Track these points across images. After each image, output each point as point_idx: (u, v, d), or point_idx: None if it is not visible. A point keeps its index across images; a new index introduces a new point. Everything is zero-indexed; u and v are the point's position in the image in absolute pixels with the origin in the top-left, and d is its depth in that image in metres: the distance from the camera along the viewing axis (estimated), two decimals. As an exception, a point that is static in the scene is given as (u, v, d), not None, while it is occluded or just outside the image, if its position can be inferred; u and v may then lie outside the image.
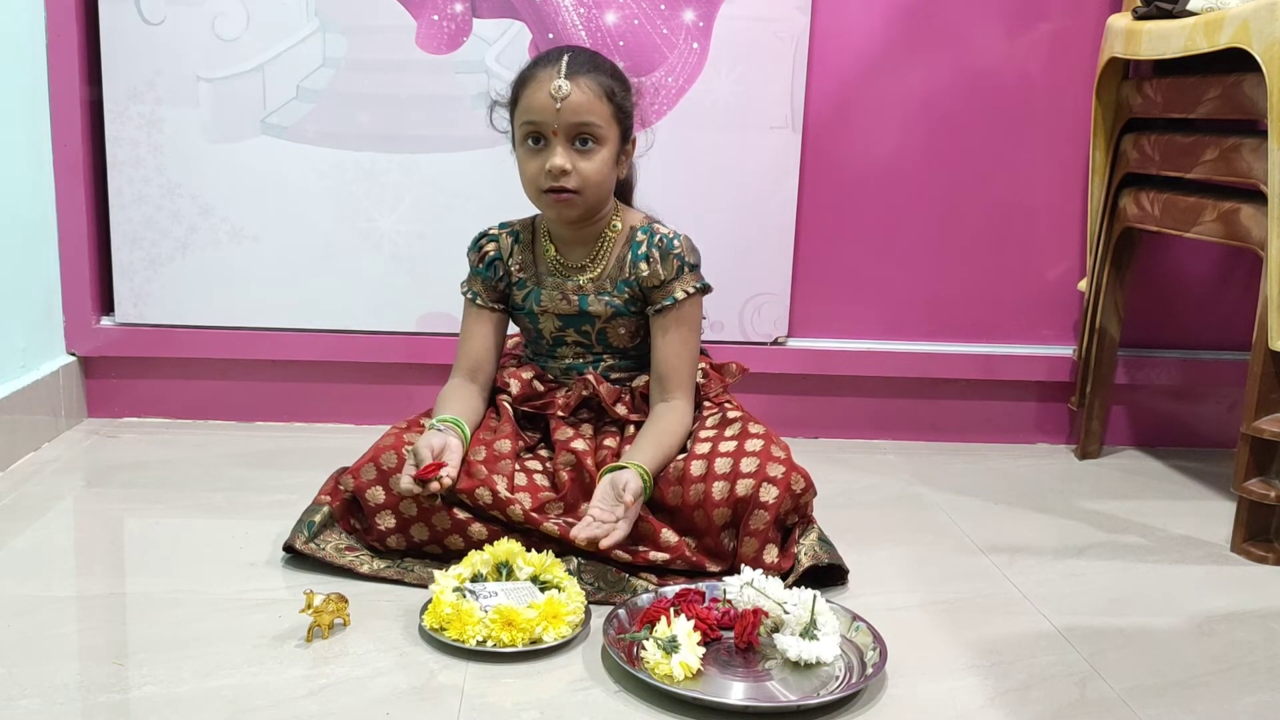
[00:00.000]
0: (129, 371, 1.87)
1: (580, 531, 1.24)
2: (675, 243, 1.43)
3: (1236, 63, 1.47)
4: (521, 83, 1.38)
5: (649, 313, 1.44)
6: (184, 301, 1.84)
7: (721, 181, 1.84)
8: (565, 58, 1.35)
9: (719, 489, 1.29)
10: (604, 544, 1.23)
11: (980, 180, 1.90)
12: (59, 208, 1.78)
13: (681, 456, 1.36)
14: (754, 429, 1.37)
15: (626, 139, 1.41)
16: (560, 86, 1.32)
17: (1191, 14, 1.54)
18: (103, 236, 1.83)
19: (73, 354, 1.84)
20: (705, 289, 1.44)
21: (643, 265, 1.42)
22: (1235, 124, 1.56)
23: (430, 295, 1.85)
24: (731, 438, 1.36)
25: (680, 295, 1.42)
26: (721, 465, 1.31)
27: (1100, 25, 1.81)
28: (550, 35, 1.78)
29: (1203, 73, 1.57)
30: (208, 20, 1.76)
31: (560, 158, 1.34)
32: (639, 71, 1.79)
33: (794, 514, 1.32)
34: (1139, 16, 1.67)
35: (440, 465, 1.26)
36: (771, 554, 1.29)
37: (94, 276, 1.83)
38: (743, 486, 1.29)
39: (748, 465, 1.30)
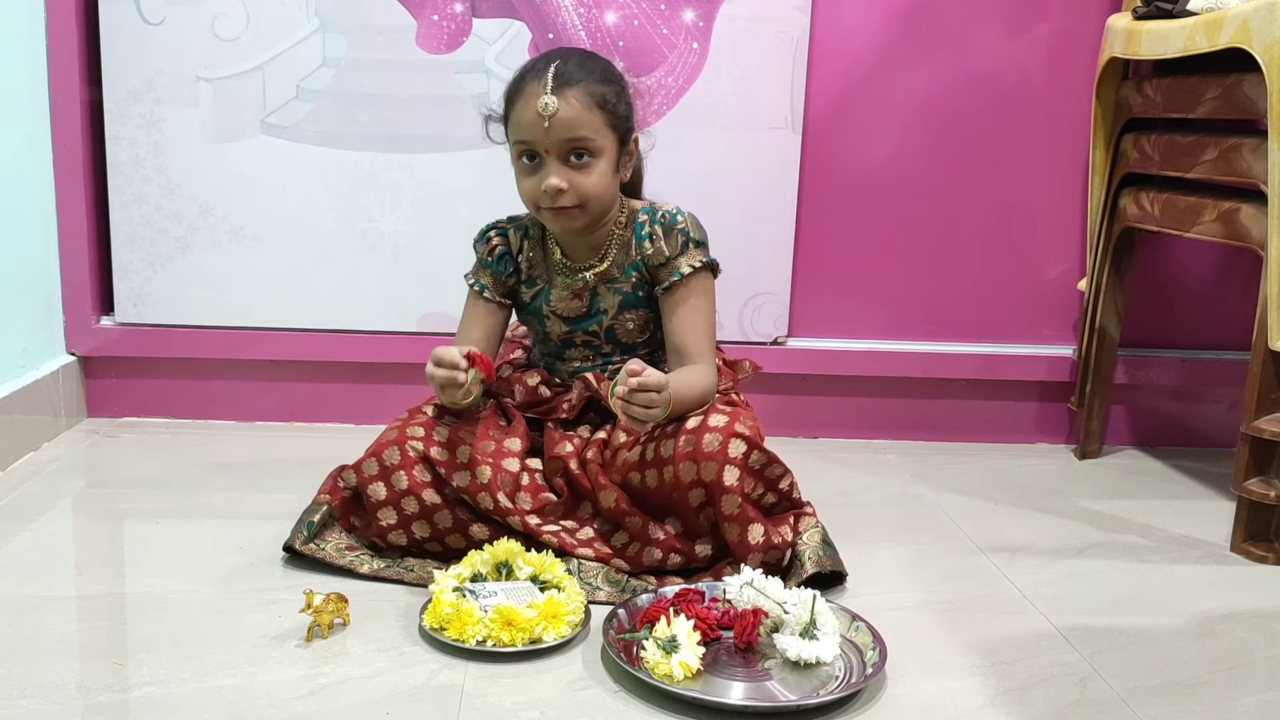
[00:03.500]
0: (129, 371, 1.87)
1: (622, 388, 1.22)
2: (679, 218, 1.39)
3: (1236, 63, 1.47)
4: (510, 98, 1.34)
5: (657, 293, 1.40)
6: (184, 301, 1.84)
7: (721, 181, 1.84)
8: (551, 69, 1.30)
9: (687, 471, 1.27)
10: (640, 381, 1.21)
11: (980, 180, 1.90)
12: (59, 208, 1.78)
13: (657, 434, 1.32)
14: (722, 407, 1.33)
15: (626, 142, 1.36)
16: (546, 104, 1.28)
17: (1191, 14, 1.54)
18: (103, 236, 1.83)
19: (73, 354, 1.84)
20: (712, 265, 1.40)
21: (646, 244, 1.39)
22: (1235, 124, 1.56)
23: (430, 295, 1.85)
24: (700, 413, 1.32)
25: (686, 270, 1.38)
26: (685, 444, 1.27)
27: (1100, 25, 1.81)
28: (550, 35, 1.78)
29: (1203, 73, 1.57)
30: (208, 20, 1.76)
31: (555, 177, 1.30)
32: (639, 71, 1.79)
33: (769, 492, 1.31)
34: (1139, 16, 1.67)
35: (486, 360, 1.31)
36: (755, 534, 1.27)
37: (94, 276, 1.83)
38: (708, 470, 1.26)
39: (710, 443, 1.27)
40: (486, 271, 1.45)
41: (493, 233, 1.46)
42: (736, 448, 1.27)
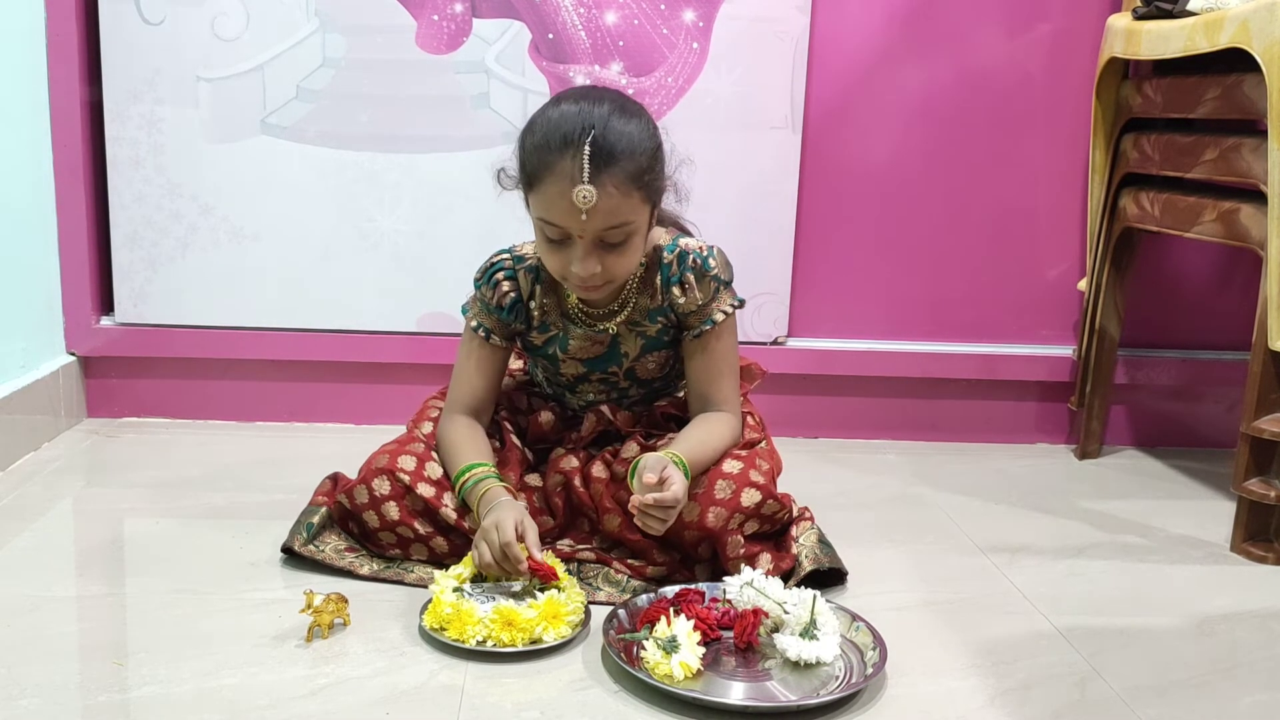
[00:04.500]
0: (129, 371, 1.87)
1: (641, 502, 1.17)
2: (710, 262, 1.32)
3: (1236, 63, 1.47)
4: (535, 170, 1.20)
5: (685, 338, 1.35)
6: (184, 301, 1.84)
7: (721, 181, 1.84)
8: (586, 150, 1.16)
9: (690, 511, 1.25)
10: (657, 499, 1.17)
11: (980, 180, 1.90)
12: (59, 208, 1.78)
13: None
14: (738, 451, 1.31)
15: (659, 202, 1.27)
16: (586, 196, 1.16)
17: (1191, 14, 1.54)
18: (103, 236, 1.83)
19: (73, 354, 1.84)
20: (741, 304, 1.35)
21: (676, 291, 1.32)
22: (1235, 124, 1.56)
23: (430, 295, 1.85)
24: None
25: (719, 317, 1.33)
26: (695, 485, 1.26)
27: (1100, 25, 1.81)
28: (550, 35, 1.78)
29: (1203, 73, 1.57)
30: (208, 20, 1.76)
31: (592, 262, 1.21)
32: (639, 71, 1.79)
33: (772, 527, 1.31)
34: (1139, 16, 1.67)
35: (552, 571, 1.20)
36: (764, 564, 1.27)
37: (94, 276, 1.83)
38: (716, 516, 1.25)
39: (722, 490, 1.26)
40: (492, 317, 1.36)
41: (500, 275, 1.34)
42: (750, 497, 1.27)
